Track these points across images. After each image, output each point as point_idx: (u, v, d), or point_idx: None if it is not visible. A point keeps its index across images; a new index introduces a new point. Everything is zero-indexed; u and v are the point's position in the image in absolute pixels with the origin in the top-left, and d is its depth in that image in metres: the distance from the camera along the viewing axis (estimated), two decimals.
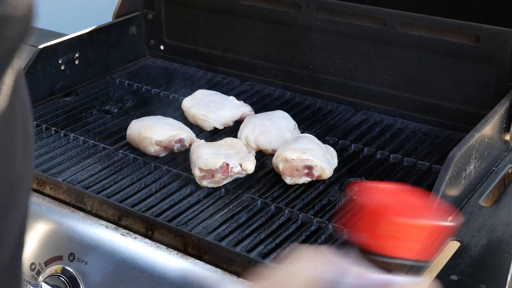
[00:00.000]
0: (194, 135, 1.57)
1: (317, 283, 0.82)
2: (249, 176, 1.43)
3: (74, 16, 2.84)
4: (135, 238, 1.25)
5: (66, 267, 1.27)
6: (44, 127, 1.64)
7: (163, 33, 2.05)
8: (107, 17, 2.02)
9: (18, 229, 0.63)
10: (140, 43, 2.06)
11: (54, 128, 1.64)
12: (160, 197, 1.38)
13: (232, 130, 1.64)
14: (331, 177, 1.42)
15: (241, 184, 1.41)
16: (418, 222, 0.84)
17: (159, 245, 1.22)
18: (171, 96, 1.83)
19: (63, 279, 1.26)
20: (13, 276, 0.65)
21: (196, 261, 1.19)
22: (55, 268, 1.29)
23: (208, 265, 1.18)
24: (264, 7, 1.83)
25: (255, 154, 1.46)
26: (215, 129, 1.64)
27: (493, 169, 1.39)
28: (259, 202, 1.34)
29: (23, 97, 0.63)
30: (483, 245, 1.16)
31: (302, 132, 1.59)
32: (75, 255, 1.27)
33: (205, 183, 1.39)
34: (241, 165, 1.39)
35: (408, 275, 0.85)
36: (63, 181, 1.41)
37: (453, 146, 1.25)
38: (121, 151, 1.54)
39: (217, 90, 1.78)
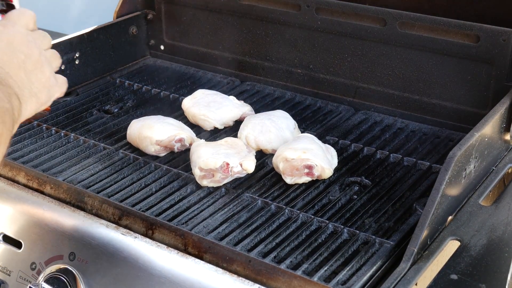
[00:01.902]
0: (194, 134, 1.57)
1: None
2: (249, 176, 1.43)
3: (74, 16, 2.85)
4: (136, 237, 1.25)
5: (67, 267, 1.27)
6: (44, 127, 1.64)
7: (163, 33, 2.06)
8: (107, 17, 2.03)
9: None
10: (140, 43, 2.07)
11: (54, 128, 1.64)
12: (160, 197, 1.38)
13: (232, 129, 1.64)
14: (331, 176, 1.42)
15: (241, 183, 1.41)
16: None
17: (160, 244, 1.22)
18: (171, 96, 1.84)
19: (63, 279, 1.26)
20: None
21: (197, 260, 1.19)
22: (55, 267, 1.29)
23: (208, 264, 1.18)
24: (264, 7, 1.83)
25: (255, 154, 1.46)
26: (215, 128, 1.65)
27: (493, 169, 1.39)
28: (259, 201, 1.35)
29: None
30: (483, 245, 1.16)
31: (302, 132, 1.60)
32: (76, 254, 1.27)
33: (205, 182, 1.39)
34: (241, 165, 1.39)
35: None
36: (63, 180, 1.41)
37: (453, 146, 1.25)
38: (121, 151, 1.54)
39: (217, 90, 1.78)
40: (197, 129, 1.64)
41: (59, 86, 1.11)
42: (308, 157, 1.38)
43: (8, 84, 0.97)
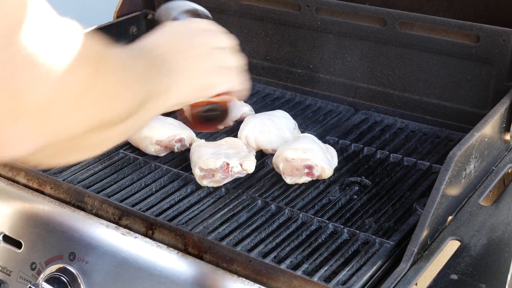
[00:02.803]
0: (194, 134, 1.57)
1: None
2: (249, 176, 1.43)
3: (74, 16, 2.84)
4: (136, 237, 1.25)
5: (67, 267, 1.27)
6: None
7: None
8: (107, 17, 2.02)
9: None
10: None
11: None
12: (161, 197, 1.38)
13: (232, 129, 1.64)
14: (331, 176, 1.42)
15: (242, 183, 1.41)
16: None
17: (160, 244, 1.22)
18: None
19: (63, 279, 1.26)
20: None
21: (197, 260, 1.19)
22: (55, 267, 1.29)
23: (208, 264, 1.18)
24: (264, 7, 1.83)
25: (255, 154, 1.46)
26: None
27: (493, 169, 1.39)
28: (259, 201, 1.35)
29: None
30: (483, 245, 1.16)
31: (302, 132, 1.60)
32: (76, 254, 1.27)
33: (205, 182, 1.39)
34: (241, 165, 1.39)
35: None
36: (63, 180, 1.41)
37: (453, 146, 1.25)
38: (121, 151, 1.54)
39: None
40: None
41: (224, 81, 1.11)
42: (308, 157, 1.38)
43: (163, 60, 1.00)
